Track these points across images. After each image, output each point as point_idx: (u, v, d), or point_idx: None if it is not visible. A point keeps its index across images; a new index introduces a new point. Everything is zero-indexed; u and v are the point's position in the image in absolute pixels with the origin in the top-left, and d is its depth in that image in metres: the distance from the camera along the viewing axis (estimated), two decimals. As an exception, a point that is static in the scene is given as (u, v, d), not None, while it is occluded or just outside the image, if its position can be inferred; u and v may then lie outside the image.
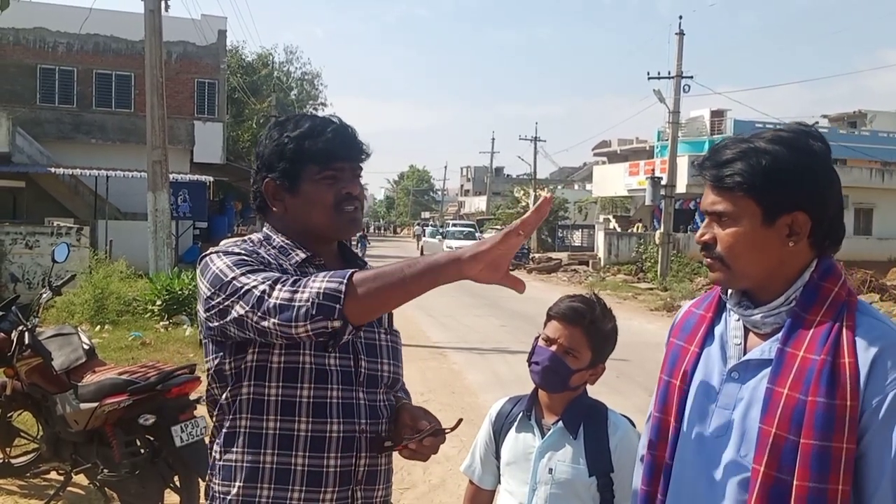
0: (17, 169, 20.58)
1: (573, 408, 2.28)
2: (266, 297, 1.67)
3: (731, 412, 1.57)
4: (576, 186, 60.18)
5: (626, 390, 8.13)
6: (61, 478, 5.00)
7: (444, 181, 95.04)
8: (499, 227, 44.62)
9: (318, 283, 1.65)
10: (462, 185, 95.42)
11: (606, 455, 2.21)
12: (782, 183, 1.53)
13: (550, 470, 2.24)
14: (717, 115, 37.97)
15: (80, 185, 23.61)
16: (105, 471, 4.59)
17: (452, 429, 1.96)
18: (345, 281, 1.63)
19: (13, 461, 5.34)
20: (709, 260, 1.62)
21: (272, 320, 1.66)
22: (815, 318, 1.52)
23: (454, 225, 43.79)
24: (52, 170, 21.60)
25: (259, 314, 1.67)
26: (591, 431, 2.25)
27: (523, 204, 44.76)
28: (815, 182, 1.55)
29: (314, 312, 1.62)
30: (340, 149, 1.91)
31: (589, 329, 2.22)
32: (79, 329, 5.20)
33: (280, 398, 1.82)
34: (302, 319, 1.63)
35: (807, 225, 1.54)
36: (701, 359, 1.68)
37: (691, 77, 26.16)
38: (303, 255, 1.92)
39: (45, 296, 5.39)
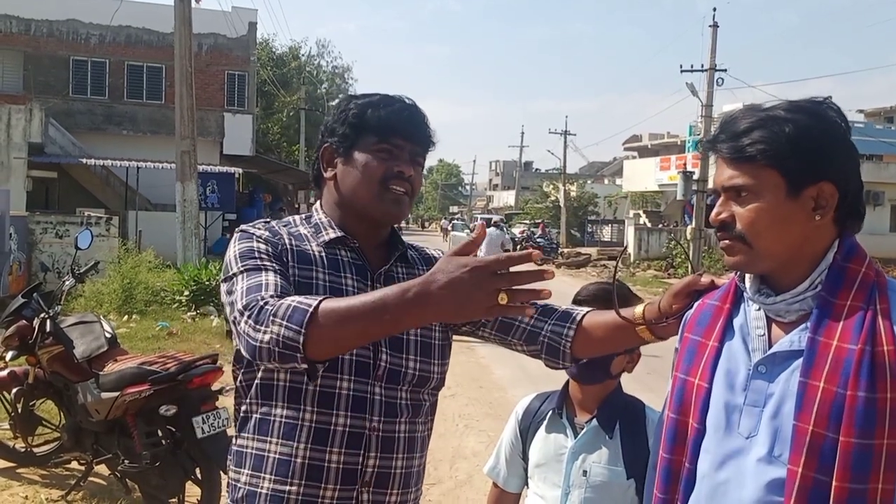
0: (49, 160, 20.71)
1: (608, 405, 2.12)
2: (236, 323, 1.59)
3: (762, 409, 1.43)
4: (606, 181, 59.75)
5: (658, 387, 7.86)
6: (82, 468, 4.94)
7: (472, 175, 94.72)
8: (527, 221, 44.49)
9: (277, 325, 1.49)
10: (491, 180, 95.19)
11: (646, 455, 2.04)
12: (807, 151, 1.41)
13: (585, 472, 2.08)
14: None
15: (111, 175, 23.76)
16: (126, 461, 4.53)
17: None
18: (302, 330, 1.46)
19: (35, 450, 5.30)
20: (727, 241, 1.46)
21: (243, 348, 1.58)
22: (846, 302, 1.38)
23: (482, 220, 43.64)
24: (84, 161, 21.73)
25: (235, 331, 1.61)
26: (629, 430, 2.09)
27: (552, 198, 44.51)
28: (840, 151, 1.44)
29: (277, 359, 1.52)
30: (402, 124, 1.80)
31: (620, 307, 2.04)
32: (101, 317, 5.13)
33: (288, 384, 1.73)
34: (266, 360, 1.54)
35: (833, 197, 1.42)
36: (722, 354, 1.53)
37: (725, 70, 25.78)
38: (333, 235, 1.81)
39: (67, 283, 5.34)
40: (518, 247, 36.39)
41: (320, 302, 1.49)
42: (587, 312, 1.87)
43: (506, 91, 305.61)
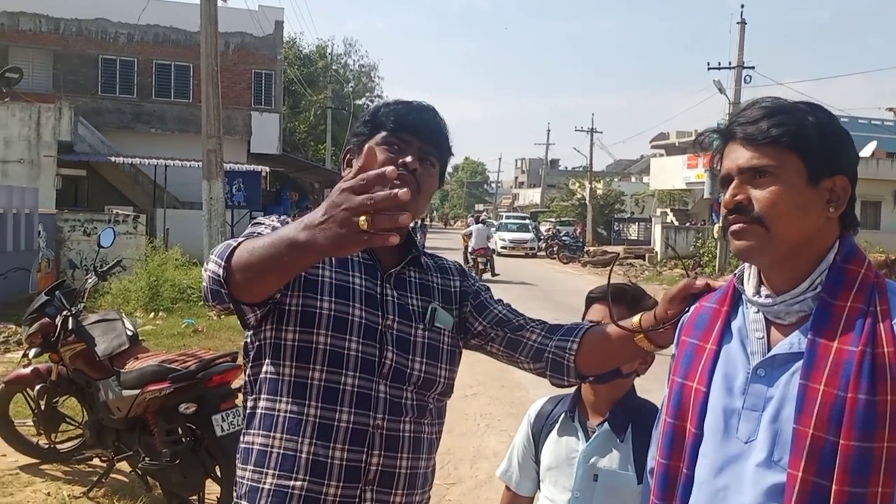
0: (78, 158, 20.93)
1: (621, 407, 2.08)
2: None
3: (761, 413, 1.40)
4: (633, 179, 59.32)
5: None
6: (104, 464, 4.97)
7: (498, 173, 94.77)
8: (553, 219, 44.30)
9: (211, 262, 1.55)
10: (516, 178, 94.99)
11: None
12: (829, 141, 1.41)
13: (595, 476, 2.03)
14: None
15: (139, 174, 23.98)
16: (147, 459, 4.55)
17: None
18: (223, 264, 1.52)
19: (58, 446, 5.34)
20: (741, 224, 1.42)
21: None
22: (846, 303, 1.36)
23: (507, 217, 43.52)
24: (113, 159, 21.96)
25: None
26: (641, 433, 2.03)
27: (578, 196, 44.27)
28: (852, 149, 1.46)
29: (212, 298, 1.58)
30: (411, 120, 1.82)
31: (632, 307, 1.98)
32: (123, 315, 5.16)
33: (293, 378, 1.73)
34: (210, 300, 1.60)
35: (846, 192, 1.42)
36: (720, 357, 1.50)
37: (753, 67, 25.55)
38: None
39: (90, 281, 5.38)
40: (544, 244, 36.31)
41: (244, 240, 1.54)
42: (591, 326, 1.87)
43: (532, 88, 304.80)
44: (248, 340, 1.83)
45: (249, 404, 1.81)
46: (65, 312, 4.92)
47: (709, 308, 1.57)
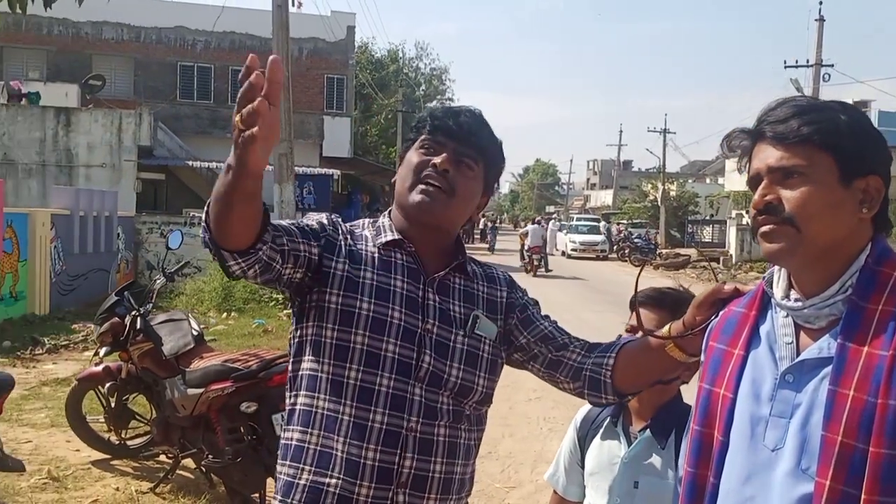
0: (158, 162, 21.60)
1: (664, 413, 2.02)
2: None
3: (789, 420, 1.35)
4: (707, 180, 58.08)
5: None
6: (171, 461, 5.10)
7: (569, 175, 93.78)
8: (624, 221, 43.67)
9: (204, 213, 1.62)
10: (588, 179, 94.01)
11: None
12: (862, 140, 1.36)
13: (636, 483, 1.99)
14: (860, 105, 35.61)
15: (216, 177, 24.23)
16: (210, 456, 4.64)
17: None
18: (206, 209, 1.58)
19: (128, 443, 5.50)
20: (771, 225, 1.37)
21: None
22: (877, 307, 1.30)
23: (578, 219, 43.10)
24: (190, 163, 22.57)
25: None
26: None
27: (651, 198, 43.56)
28: (886, 148, 1.40)
29: (204, 245, 1.63)
30: (448, 123, 1.84)
31: (675, 312, 1.91)
32: (189, 315, 5.28)
33: (331, 376, 1.75)
34: (206, 249, 1.64)
35: (880, 193, 1.37)
36: (748, 363, 1.44)
37: (831, 66, 24.86)
38: (390, 237, 1.85)
39: (158, 282, 5.52)
40: (615, 247, 35.84)
41: None
42: (627, 341, 1.84)
43: (604, 89, 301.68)
44: (291, 335, 1.86)
45: (290, 400, 1.83)
46: (133, 312, 5.06)
47: (737, 313, 1.52)
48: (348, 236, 1.85)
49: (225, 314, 12.50)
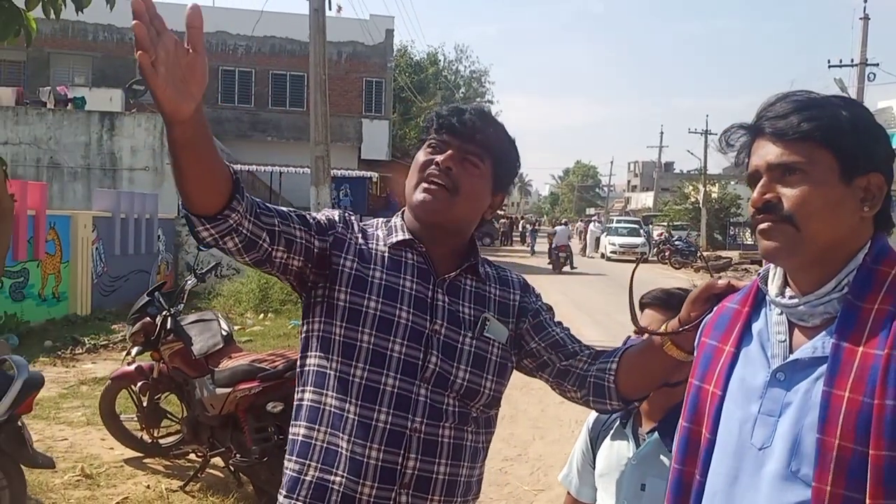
0: (199, 165, 21.91)
1: (673, 415, 1.98)
2: None
3: (777, 419, 1.31)
4: (751, 182, 57.17)
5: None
6: (200, 460, 5.15)
7: (609, 176, 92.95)
8: (665, 223, 43.21)
9: None
10: (629, 181, 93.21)
11: None
12: (864, 136, 1.32)
13: (643, 486, 1.95)
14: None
15: (256, 180, 24.89)
16: (238, 455, 4.68)
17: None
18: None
19: (160, 441, 5.57)
20: (768, 223, 1.33)
21: None
22: (873, 306, 1.27)
23: (618, 221, 42.73)
24: (231, 166, 22.83)
25: None
26: None
27: (692, 200, 43.05)
28: (888, 145, 1.36)
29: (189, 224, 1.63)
30: (450, 121, 1.83)
31: None
32: (219, 315, 5.34)
33: (337, 374, 1.74)
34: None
35: (882, 190, 1.33)
36: (739, 360, 1.41)
37: (877, 65, 24.32)
38: (401, 237, 1.84)
39: (189, 282, 5.59)
40: (655, 249, 35.48)
41: None
42: (630, 346, 1.82)
43: (645, 91, 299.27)
44: (301, 330, 1.86)
45: (297, 395, 1.83)
46: (164, 312, 5.13)
47: (730, 309, 1.49)
48: (360, 235, 1.85)
49: (262, 315, 12.62)
